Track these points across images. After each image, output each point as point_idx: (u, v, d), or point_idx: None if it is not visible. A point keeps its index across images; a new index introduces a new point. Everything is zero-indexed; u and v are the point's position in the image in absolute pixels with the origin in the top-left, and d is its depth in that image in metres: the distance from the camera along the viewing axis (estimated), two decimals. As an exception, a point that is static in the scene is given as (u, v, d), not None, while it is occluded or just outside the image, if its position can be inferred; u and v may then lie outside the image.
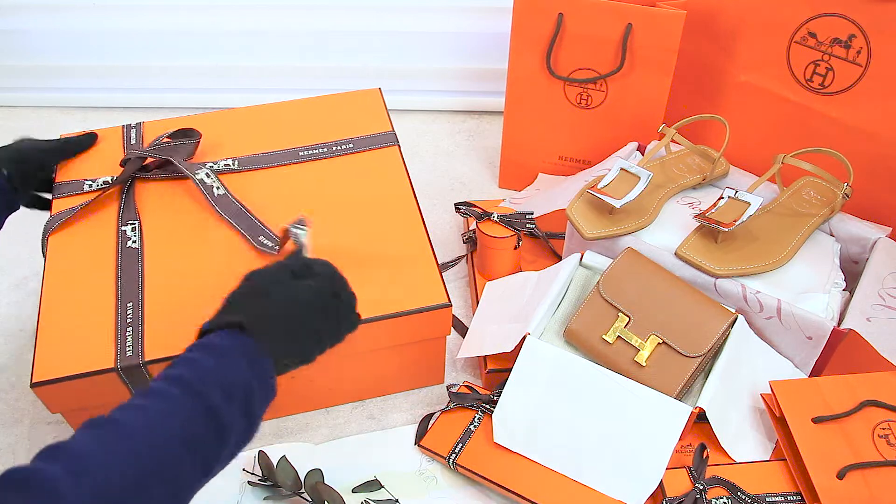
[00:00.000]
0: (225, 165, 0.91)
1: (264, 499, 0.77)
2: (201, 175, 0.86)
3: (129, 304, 0.77)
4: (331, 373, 0.83)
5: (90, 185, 0.89)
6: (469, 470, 0.77)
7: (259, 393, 0.56)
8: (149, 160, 0.90)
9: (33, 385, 0.71)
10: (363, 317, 0.75)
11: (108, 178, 0.89)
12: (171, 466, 0.49)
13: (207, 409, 0.52)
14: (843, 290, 0.83)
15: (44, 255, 0.82)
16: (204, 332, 0.58)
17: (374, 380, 0.86)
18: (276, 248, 0.79)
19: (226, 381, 0.53)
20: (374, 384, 0.87)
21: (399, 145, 0.94)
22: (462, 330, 0.94)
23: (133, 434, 0.49)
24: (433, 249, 0.83)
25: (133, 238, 0.83)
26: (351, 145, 0.94)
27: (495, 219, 0.93)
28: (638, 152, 1.00)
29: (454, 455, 0.78)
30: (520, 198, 1.08)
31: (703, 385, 0.77)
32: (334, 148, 0.94)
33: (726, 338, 0.79)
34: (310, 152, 0.94)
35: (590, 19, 0.95)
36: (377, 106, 1.00)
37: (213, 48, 1.29)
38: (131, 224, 0.84)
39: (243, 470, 0.79)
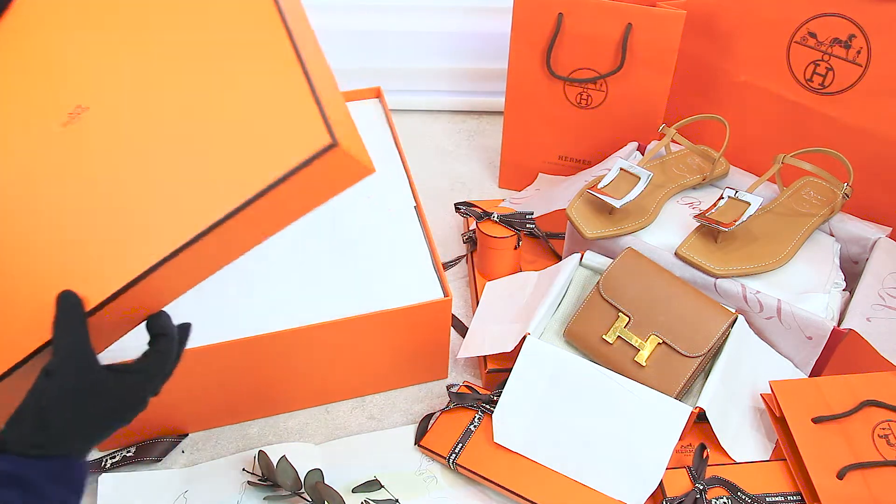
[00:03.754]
0: None
1: (264, 499, 0.77)
2: None
3: None
4: (333, 369, 0.83)
5: None
6: (469, 470, 0.77)
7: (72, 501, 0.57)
8: None
9: None
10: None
11: None
12: None
13: None
14: (843, 290, 0.83)
15: None
16: None
17: (378, 375, 0.86)
18: None
19: None
20: (379, 379, 0.87)
21: None
22: (462, 330, 0.94)
23: None
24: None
25: None
26: None
27: (495, 219, 0.93)
28: (638, 152, 1.00)
29: (454, 455, 0.78)
30: (520, 198, 1.08)
31: (703, 385, 0.77)
32: None
33: (726, 338, 0.79)
34: None
35: (590, 19, 0.95)
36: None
37: (213, 48, 1.29)
38: None
39: (243, 470, 0.79)
